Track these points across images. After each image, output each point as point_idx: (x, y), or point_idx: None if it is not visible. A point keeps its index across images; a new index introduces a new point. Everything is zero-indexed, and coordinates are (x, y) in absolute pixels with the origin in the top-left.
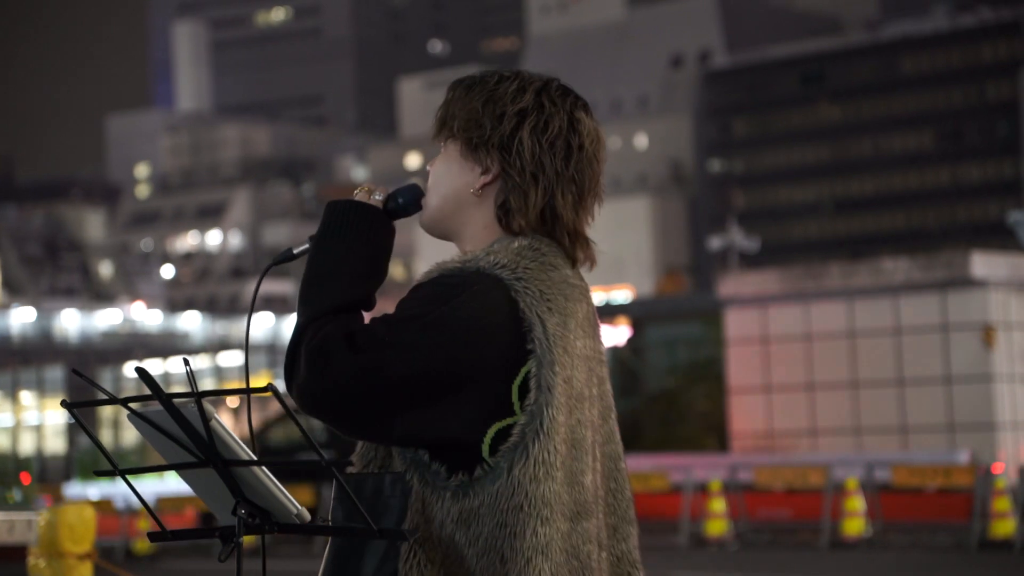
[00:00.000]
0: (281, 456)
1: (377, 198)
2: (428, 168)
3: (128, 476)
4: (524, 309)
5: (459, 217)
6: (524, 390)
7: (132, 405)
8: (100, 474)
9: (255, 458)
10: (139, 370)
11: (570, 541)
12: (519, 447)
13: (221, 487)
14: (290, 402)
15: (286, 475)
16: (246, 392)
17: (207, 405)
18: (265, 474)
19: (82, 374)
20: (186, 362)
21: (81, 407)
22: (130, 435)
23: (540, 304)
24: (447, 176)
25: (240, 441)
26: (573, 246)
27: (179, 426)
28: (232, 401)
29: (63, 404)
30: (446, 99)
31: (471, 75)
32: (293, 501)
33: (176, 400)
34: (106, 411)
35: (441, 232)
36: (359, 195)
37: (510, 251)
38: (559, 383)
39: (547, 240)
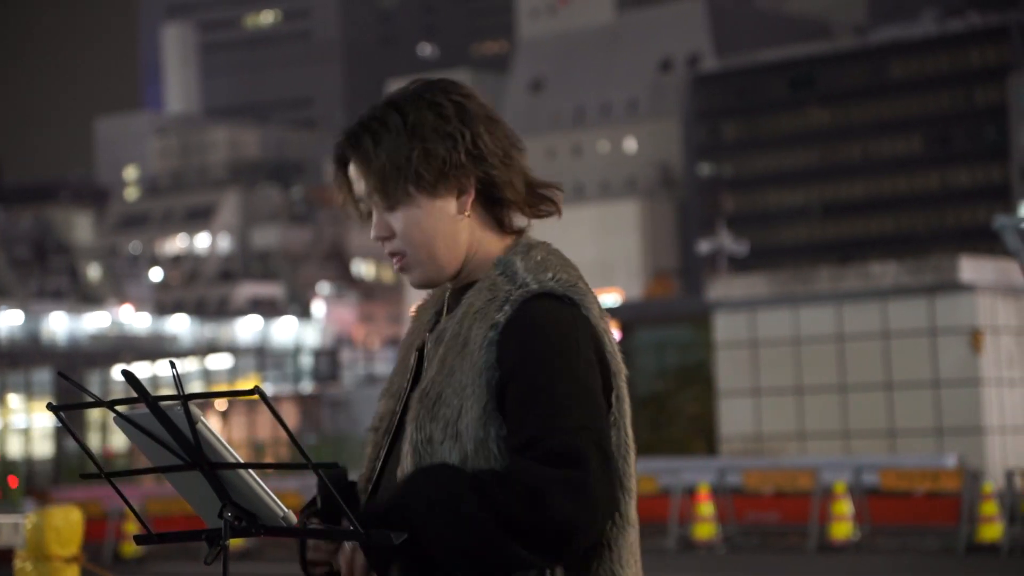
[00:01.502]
0: None
1: None
2: (377, 235)
3: (114, 479)
4: (594, 325)
5: (457, 250)
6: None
7: (119, 408)
8: (86, 477)
9: (241, 461)
10: (125, 373)
11: (637, 549)
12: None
13: (207, 490)
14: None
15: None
16: (234, 395)
17: (193, 408)
18: (252, 477)
19: (68, 377)
20: (172, 365)
21: (67, 410)
22: (119, 438)
23: (600, 318)
24: (425, 226)
25: (227, 444)
26: (537, 198)
27: (165, 429)
28: (221, 404)
29: (49, 407)
30: (366, 169)
31: (362, 128)
32: (280, 504)
33: (162, 403)
34: (94, 414)
35: (437, 282)
36: None
37: (552, 262)
38: (625, 392)
39: (536, 241)
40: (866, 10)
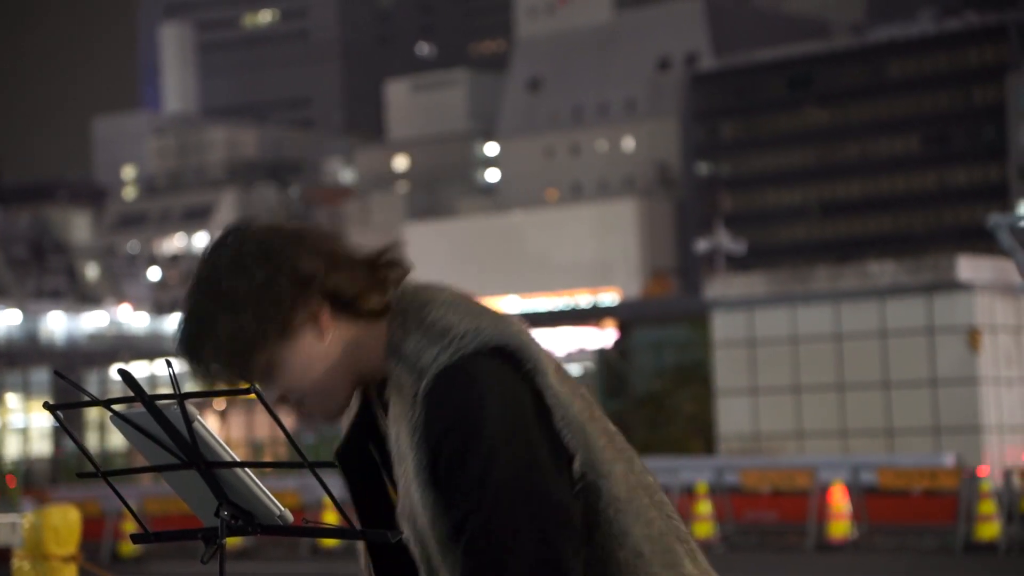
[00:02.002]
0: None
1: None
2: (283, 399)
3: (111, 478)
4: (518, 355)
5: (344, 367)
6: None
7: (115, 407)
8: (83, 476)
9: (238, 459)
10: (122, 372)
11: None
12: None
13: (204, 489)
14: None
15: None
16: (229, 394)
17: (190, 407)
18: (248, 476)
19: (64, 376)
20: (169, 364)
21: (64, 409)
22: (117, 438)
23: (522, 347)
24: (299, 368)
25: (223, 443)
26: (383, 268)
27: (162, 428)
28: (219, 404)
29: (46, 406)
30: (216, 366)
31: (187, 331)
32: (276, 503)
33: (159, 402)
34: (92, 414)
35: (350, 394)
36: None
37: (436, 316)
38: (588, 429)
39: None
40: (864, 9)
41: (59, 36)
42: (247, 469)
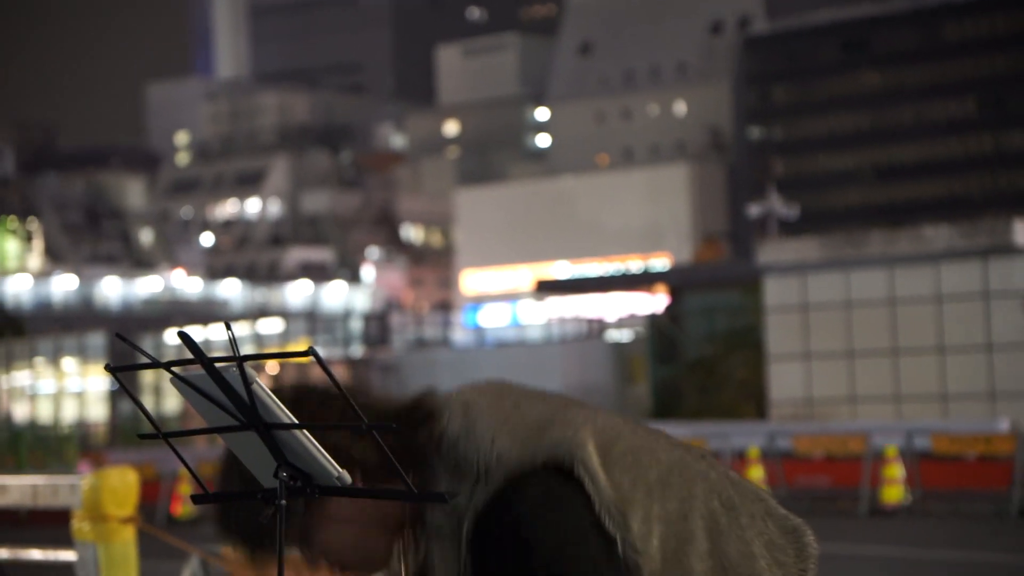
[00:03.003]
0: None
1: None
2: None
3: (171, 439)
4: (564, 465)
5: (383, 524)
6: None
7: (175, 369)
8: (144, 437)
9: (296, 421)
10: (182, 334)
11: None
12: None
13: (263, 450)
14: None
15: None
16: (288, 356)
17: (249, 369)
18: (307, 437)
19: (125, 338)
20: (228, 327)
21: (125, 371)
22: (171, 401)
23: (572, 445)
24: (336, 527)
25: (282, 405)
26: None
27: (221, 390)
28: (272, 367)
29: (107, 368)
30: (247, 553)
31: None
32: (335, 464)
33: (218, 364)
34: (147, 377)
35: (388, 556)
36: None
37: (462, 448)
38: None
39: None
40: None
41: (111, 2)
42: (306, 431)
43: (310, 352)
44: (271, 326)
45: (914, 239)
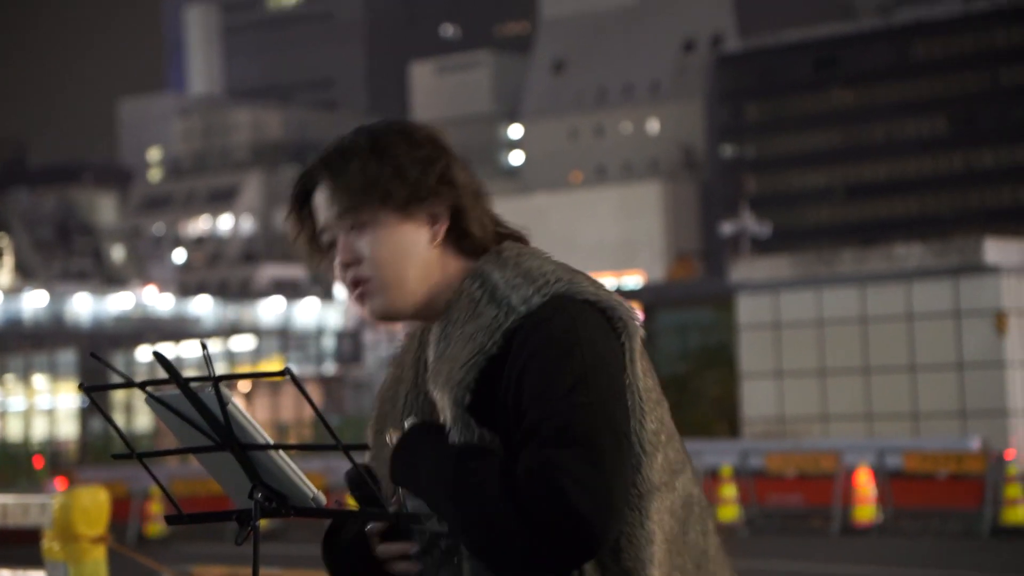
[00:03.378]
0: None
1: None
2: (343, 260)
3: (145, 459)
4: (600, 304)
5: (428, 279)
6: None
7: (149, 388)
8: (117, 457)
9: (271, 442)
10: (156, 354)
11: (676, 497)
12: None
13: (238, 471)
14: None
15: None
16: (263, 376)
17: (224, 389)
18: (282, 458)
19: (100, 357)
20: (203, 346)
21: (100, 390)
22: (143, 419)
23: (607, 300)
24: (398, 249)
25: (257, 425)
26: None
27: (196, 410)
28: (245, 385)
29: (81, 387)
30: (338, 183)
31: (333, 150)
32: (310, 485)
33: (193, 384)
34: (119, 395)
35: (401, 314)
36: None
37: (535, 260)
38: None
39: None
40: None
41: (84, 18)
42: (281, 451)
43: (286, 372)
44: (243, 343)
45: (885, 257)
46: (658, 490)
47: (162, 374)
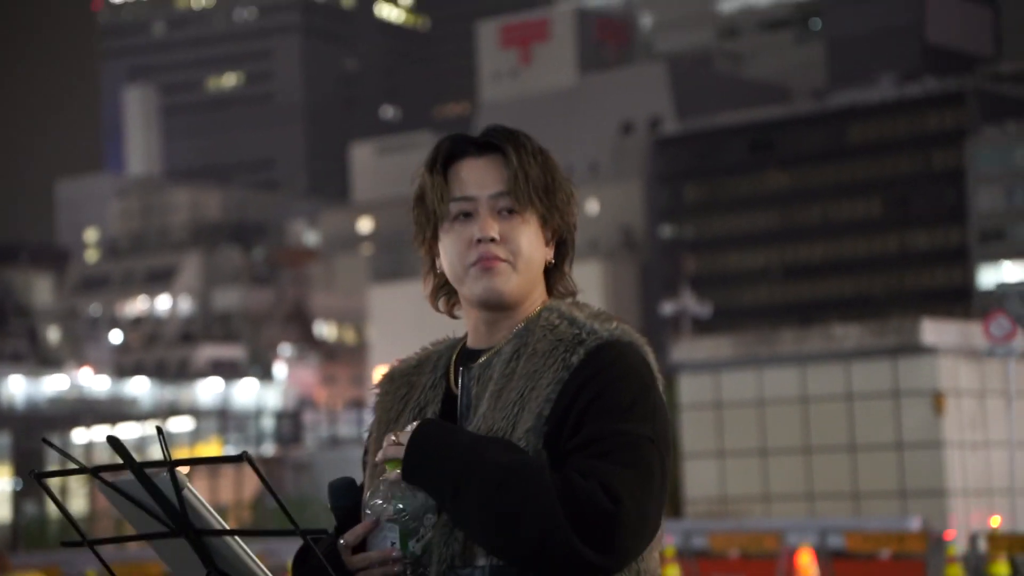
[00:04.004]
0: None
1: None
2: (490, 235)
3: (96, 547)
4: (655, 376)
5: (535, 288)
6: None
7: (103, 475)
8: (68, 544)
9: (227, 527)
10: (111, 439)
11: None
12: None
13: (193, 557)
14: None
15: None
16: (221, 461)
17: (180, 474)
18: (238, 544)
19: (52, 444)
20: (159, 431)
21: (51, 477)
22: (79, 503)
23: (656, 370)
24: (534, 245)
25: (212, 510)
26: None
27: (151, 495)
28: (181, 468)
29: (32, 475)
30: (523, 166)
31: (521, 136)
32: (265, 571)
33: (148, 470)
34: (55, 479)
35: (513, 302)
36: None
37: (607, 315)
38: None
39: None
40: (825, 74)
41: (22, 98)
42: (237, 537)
43: (243, 457)
44: (182, 424)
45: (824, 337)
46: (658, 540)
47: (104, 458)
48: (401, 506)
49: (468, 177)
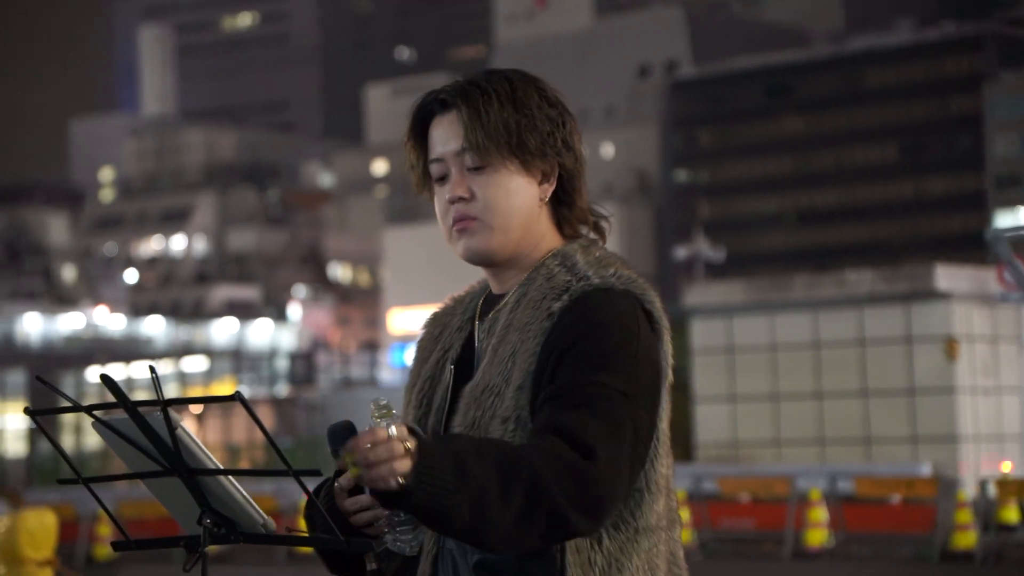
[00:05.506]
0: None
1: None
2: (458, 195)
3: (91, 484)
4: (656, 321)
5: (527, 231)
6: None
7: (97, 413)
8: (63, 482)
9: (221, 467)
10: (104, 377)
11: (669, 548)
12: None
13: (186, 496)
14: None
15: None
16: (213, 400)
17: (173, 413)
18: (231, 483)
19: (47, 381)
20: (152, 370)
21: (45, 415)
22: (92, 440)
23: (661, 317)
24: (512, 195)
25: (206, 450)
26: (595, 216)
27: (144, 434)
28: (196, 407)
29: (26, 412)
30: (473, 121)
31: (471, 85)
32: (259, 511)
33: (142, 408)
34: (68, 416)
35: (499, 259)
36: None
37: (614, 259)
38: (666, 397)
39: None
40: (842, 19)
41: (36, 38)
42: (230, 476)
43: (236, 397)
44: (196, 364)
45: (837, 283)
46: (654, 532)
47: (111, 398)
48: None
49: (437, 137)
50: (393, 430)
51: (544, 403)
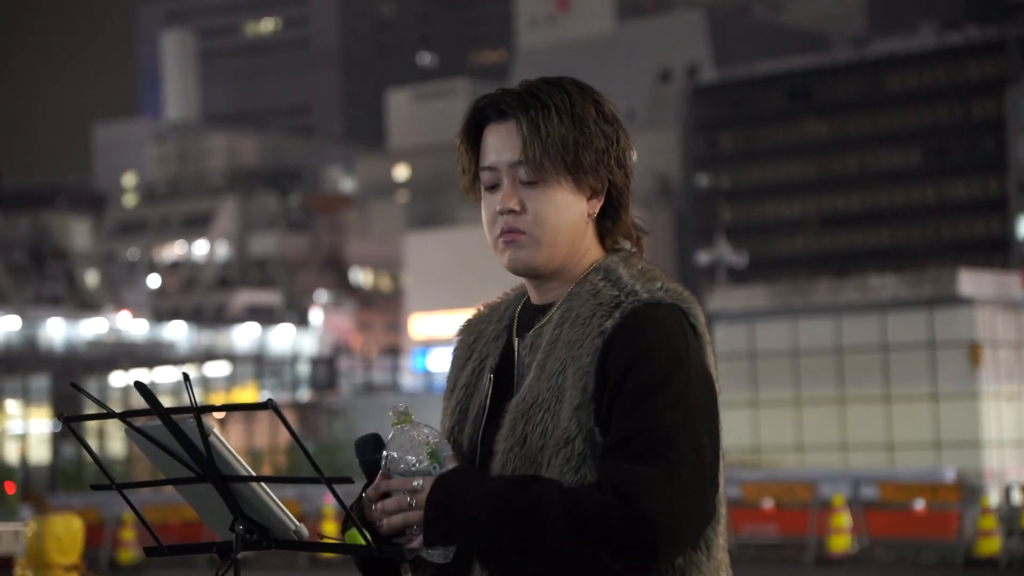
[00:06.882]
0: None
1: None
2: (509, 207)
3: (124, 490)
4: (700, 335)
5: (574, 247)
6: None
7: (129, 420)
8: (96, 488)
9: (253, 474)
10: (138, 384)
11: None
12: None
13: (219, 503)
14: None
15: None
16: (246, 408)
17: (206, 420)
18: (263, 490)
19: (81, 388)
20: (186, 377)
21: (80, 421)
22: (116, 445)
23: (705, 329)
24: (562, 211)
25: (239, 456)
26: (636, 230)
27: (177, 441)
28: (219, 412)
29: (61, 418)
30: (532, 135)
31: (531, 96)
32: (292, 517)
33: (175, 415)
34: (92, 421)
35: (543, 272)
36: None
37: (657, 272)
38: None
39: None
40: (865, 22)
41: (59, 42)
42: (263, 483)
43: (269, 405)
44: (218, 369)
45: (860, 288)
46: (718, 522)
47: (140, 401)
48: (410, 457)
49: (491, 144)
50: (419, 482)
51: (604, 455)
